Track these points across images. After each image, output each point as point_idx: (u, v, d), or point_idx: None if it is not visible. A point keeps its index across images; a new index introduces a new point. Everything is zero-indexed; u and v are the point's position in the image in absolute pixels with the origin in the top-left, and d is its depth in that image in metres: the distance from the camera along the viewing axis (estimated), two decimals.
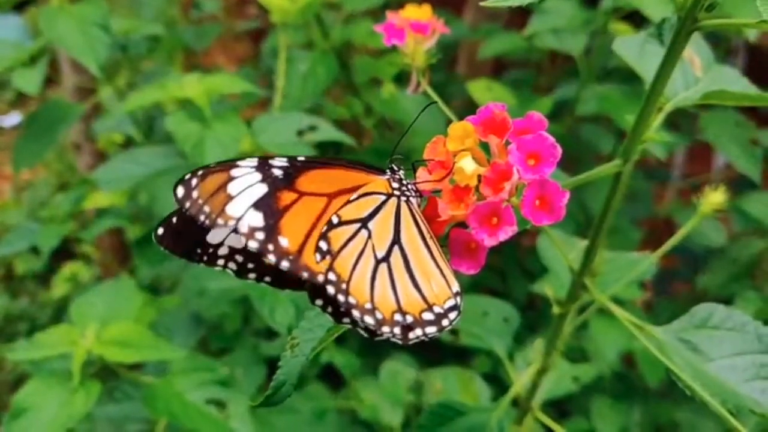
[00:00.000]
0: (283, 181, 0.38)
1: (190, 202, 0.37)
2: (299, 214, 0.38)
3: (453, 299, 0.37)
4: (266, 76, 1.28)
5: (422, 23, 0.52)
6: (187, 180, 0.37)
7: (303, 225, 0.38)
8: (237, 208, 0.37)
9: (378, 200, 0.39)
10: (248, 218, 0.37)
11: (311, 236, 0.38)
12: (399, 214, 0.38)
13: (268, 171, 0.38)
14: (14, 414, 0.71)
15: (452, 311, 0.37)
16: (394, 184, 0.39)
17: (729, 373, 0.49)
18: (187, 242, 0.40)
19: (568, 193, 0.34)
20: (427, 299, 0.37)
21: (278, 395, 0.39)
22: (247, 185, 0.37)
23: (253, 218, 0.37)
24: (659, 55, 0.41)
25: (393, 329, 0.37)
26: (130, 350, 0.76)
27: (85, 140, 1.29)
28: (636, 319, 0.50)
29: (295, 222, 0.38)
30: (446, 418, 0.60)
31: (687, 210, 1.22)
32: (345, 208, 0.38)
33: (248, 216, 0.37)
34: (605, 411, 1.00)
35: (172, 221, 0.40)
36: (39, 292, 1.82)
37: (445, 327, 0.37)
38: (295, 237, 0.37)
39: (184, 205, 0.37)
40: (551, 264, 0.68)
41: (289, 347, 0.40)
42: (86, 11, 0.87)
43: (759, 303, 1.01)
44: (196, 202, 0.37)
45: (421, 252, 0.37)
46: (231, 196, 0.37)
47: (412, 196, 0.39)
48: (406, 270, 0.37)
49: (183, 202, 0.37)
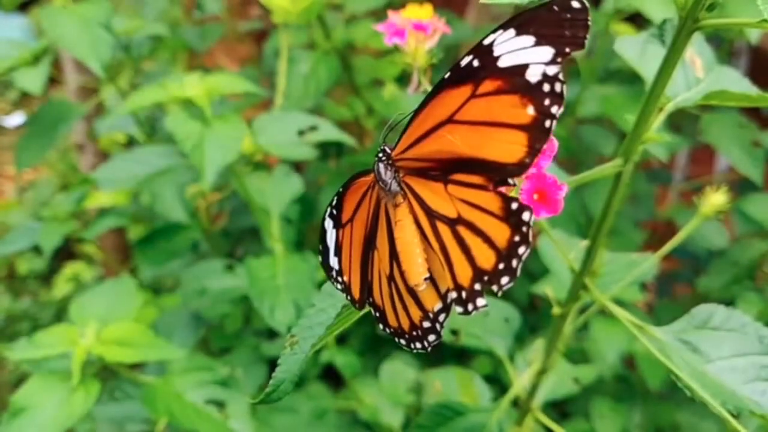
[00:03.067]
0: (335, 218, 0.38)
1: (323, 266, 0.39)
2: (345, 247, 0.38)
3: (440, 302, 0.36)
4: (268, 77, 1.28)
5: (423, 23, 0.52)
6: (319, 250, 0.39)
7: (347, 257, 0.38)
8: (331, 259, 0.38)
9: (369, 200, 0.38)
10: (335, 266, 0.38)
11: (351, 267, 0.38)
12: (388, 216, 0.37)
13: (331, 212, 0.38)
14: (13, 413, 0.71)
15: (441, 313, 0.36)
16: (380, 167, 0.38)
17: (729, 375, 0.49)
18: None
19: (566, 186, 0.34)
20: (423, 306, 0.36)
21: (277, 393, 0.39)
22: (330, 233, 0.39)
23: (335, 264, 0.38)
24: (660, 55, 0.41)
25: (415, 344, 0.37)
26: (130, 350, 0.76)
27: (88, 140, 1.29)
28: (636, 319, 0.50)
29: (344, 256, 0.38)
30: (446, 418, 0.60)
31: (689, 212, 1.22)
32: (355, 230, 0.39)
33: (334, 264, 0.38)
34: (605, 412, 1.00)
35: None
36: (41, 292, 1.82)
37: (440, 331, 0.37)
38: (346, 271, 0.38)
39: (325, 272, 0.39)
40: (552, 264, 0.68)
41: (288, 345, 0.40)
42: (89, 11, 0.87)
43: (760, 305, 1.01)
44: (324, 266, 0.39)
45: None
46: (327, 249, 0.39)
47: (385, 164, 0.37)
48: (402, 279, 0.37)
49: (323, 269, 0.39)
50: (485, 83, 0.33)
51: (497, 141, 0.33)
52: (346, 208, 0.38)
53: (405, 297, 0.37)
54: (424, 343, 0.37)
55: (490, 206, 0.33)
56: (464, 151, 0.34)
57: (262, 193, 0.90)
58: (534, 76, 0.32)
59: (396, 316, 0.37)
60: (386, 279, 0.37)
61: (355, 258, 0.38)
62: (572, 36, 0.32)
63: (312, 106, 1.03)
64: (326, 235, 0.38)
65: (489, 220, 0.33)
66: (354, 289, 0.38)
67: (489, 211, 0.33)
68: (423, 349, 0.37)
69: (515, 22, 0.32)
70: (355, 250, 0.38)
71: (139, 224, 1.20)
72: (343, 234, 0.38)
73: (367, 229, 0.38)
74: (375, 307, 0.38)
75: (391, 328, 0.38)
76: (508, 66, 0.32)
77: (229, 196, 1.19)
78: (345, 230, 0.38)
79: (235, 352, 1.09)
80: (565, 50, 0.32)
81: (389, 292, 0.37)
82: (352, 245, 0.38)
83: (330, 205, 0.38)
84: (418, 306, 0.37)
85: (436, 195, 0.35)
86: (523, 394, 0.64)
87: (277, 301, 0.77)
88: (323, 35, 1.04)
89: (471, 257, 0.34)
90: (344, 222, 0.38)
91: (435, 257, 0.35)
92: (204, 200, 1.14)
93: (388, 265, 0.37)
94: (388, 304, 0.38)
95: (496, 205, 0.33)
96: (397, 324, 0.38)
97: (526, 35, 0.32)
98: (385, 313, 0.38)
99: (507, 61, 0.33)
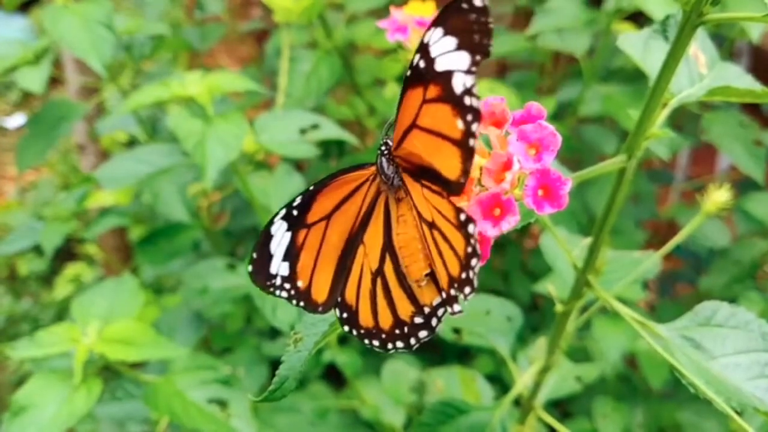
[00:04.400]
0: (297, 219, 0.37)
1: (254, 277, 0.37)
2: (309, 248, 0.37)
3: (439, 296, 0.35)
4: (270, 77, 1.28)
5: (426, 19, 0.52)
6: (252, 259, 0.37)
7: (310, 259, 0.37)
8: (275, 265, 0.37)
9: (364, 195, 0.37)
10: (282, 272, 0.37)
11: (316, 269, 0.37)
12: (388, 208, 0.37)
13: (290, 214, 0.37)
14: (15, 412, 0.71)
15: (440, 308, 0.36)
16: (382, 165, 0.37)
17: (733, 372, 0.49)
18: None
19: (571, 181, 0.34)
20: (418, 300, 0.36)
21: (281, 390, 0.39)
22: (280, 238, 0.37)
23: (284, 270, 0.37)
24: (663, 51, 0.41)
25: (395, 343, 0.36)
26: (131, 349, 0.76)
27: (89, 141, 1.29)
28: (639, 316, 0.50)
29: (306, 259, 0.37)
30: (448, 416, 0.60)
31: (690, 212, 1.22)
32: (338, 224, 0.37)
33: (281, 270, 0.37)
34: (607, 412, 1.00)
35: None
36: (42, 293, 1.82)
37: (436, 327, 0.36)
38: (305, 275, 0.37)
39: (256, 282, 0.37)
40: (554, 262, 0.67)
41: (292, 342, 0.40)
42: (91, 10, 0.87)
43: (762, 304, 1.01)
44: (258, 276, 0.37)
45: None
46: (271, 255, 0.37)
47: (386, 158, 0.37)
48: (396, 274, 0.36)
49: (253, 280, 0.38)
50: (430, 88, 0.32)
51: (443, 154, 0.33)
52: (318, 207, 0.37)
53: (394, 292, 0.36)
54: (410, 341, 0.36)
55: (449, 215, 0.33)
56: (425, 157, 0.34)
57: (264, 192, 0.90)
58: (458, 86, 0.31)
59: (374, 314, 0.36)
60: (371, 275, 0.36)
61: (327, 257, 0.37)
62: (480, 43, 0.31)
63: (313, 106, 1.03)
64: (270, 240, 0.37)
65: (450, 228, 0.33)
66: (317, 292, 0.37)
67: (449, 219, 0.33)
68: (405, 348, 0.36)
69: (439, 20, 0.31)
70: (329, 248, 0.37)
71: (140, 224, 1.19)
72: (308, 234, 0.37)
73: (354, 225, 0.37)
74: (344, 308, 0.37)
75: (363, 329, 0.37)
76: (441, 71, 0.31)
77: (231, 196, 1.19)
78: (313, 230, 0.37)
79: (236, 352, 1.08)
80: (476, 58, 0.31)
81: (371, 288, 0.36)
82: (324, 245, 0.37)
83: (288, 207, 0.37)
84: (411, 301, 0.36)
85: (419, 196, 0.35)
86: (525, 393, 0.64)
87: (280, 300, 0.76)
88: (324, 34, 1.04)
89: (444, 263, 0.34)
90: (312, 222, 0.37)
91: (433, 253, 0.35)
92: (205, 199, 1.14)
93: (377, 261, 0.36)
94: (366, 302, 0.37)
95: (452, 215, 0.33)
96: (373, 324, 0.36)
97: (450, 36, 0.31)
98: (357, 312, 0.37)
99: (440, 65, 0.32)
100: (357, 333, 0.37)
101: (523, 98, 1.09)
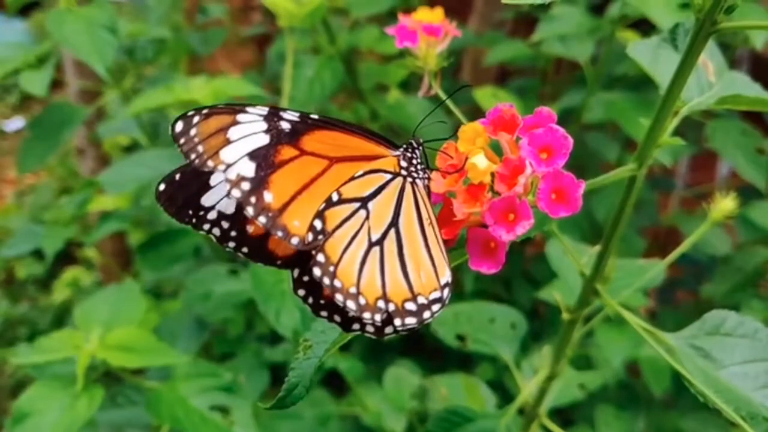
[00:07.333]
0: (287, 136, 0.37)
1: (185, 138, 0.36)
2: (293, 172, 0.36)
3: (439, 291, 0.36)
4: (271, 82, 1.28)
5: (435, 26, 0.52)
6: (188, 116, 0.36)
7: (293, 184, 0.36)
8: (232, 153, 0.35)
9: (383, 179, 0.37)
10: (240, 166, 0.35)
11: (298, 198, 0.36)
12: (402, 195, 0.37)
13: (276, 122, 0.37)
14: (17, 419, 0.70)
15: (436, 303, 0.35)
16: (403, 162, 0.38)
17: (741, 381, 0.49)
18: (181, 201, 0.38)
19: (584, 183, 0.34)
20: (413, 288, 0.35)
21: (291, 398, 0.39)
22: (249, 132, 0.36)
23: (245, 167, 0.36)
24: (672, 59, 0.41)
25: (374, 316, 0.35)
26: (133, 355, 0.76)
27: (88, 145, 1.29)
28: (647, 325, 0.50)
29: (286, 179, 0.36)
30: (454, 424, 0.60)
31: (691, 219, 1.22)
32: (347, 185, 0.37)
33: (240, 164, 0.35)
34: (610, 420, 0.99)
35: (175, 178, 0.38)
36: (40, 297, 1.81)
37: (426, 319, 0.35)
38: (281, 194, 0.36)
39: (179, 141, 0.36)
40: (561, 270, 0.67)
41: (301, 349, 0.39)
42: (94, 14, 0.87)
43: (764, 312, 1.01)
44: (191, 140, 0.35)
45: (417, 238, 0.36)
46: (229, 141, 0.36)
47: (419, 178, 0.38)
48: (398, 255, 0.36)
49: (178, 138, 0.36)
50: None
51: None
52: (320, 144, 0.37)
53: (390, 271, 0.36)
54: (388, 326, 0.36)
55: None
56: None
57: None
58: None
59: (359, 277, 0.35)
60: (367, 242, 0.36)
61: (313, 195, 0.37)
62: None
63: (316, 111, 1.03)
64: (236, 125, 0.36)
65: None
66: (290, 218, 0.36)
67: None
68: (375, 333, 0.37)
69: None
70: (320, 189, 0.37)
71: (140, 229, 1.19)
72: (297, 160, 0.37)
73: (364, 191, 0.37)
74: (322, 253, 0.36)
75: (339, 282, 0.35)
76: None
77: None
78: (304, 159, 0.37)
79: (237, 358, 1.08)
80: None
81: (363, 254, 0.36)
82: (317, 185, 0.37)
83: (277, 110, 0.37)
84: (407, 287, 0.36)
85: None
86: (530, 400, 0.64)
87: (283, 305, 0.76)
88: (328, 40, 1.04)
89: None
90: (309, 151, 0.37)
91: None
92: None
93: (379, 232, 0.36)
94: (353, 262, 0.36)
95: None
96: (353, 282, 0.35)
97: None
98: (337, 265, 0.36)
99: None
100: (329, 284, 0.35)
101: (525, 104, 1.09)
